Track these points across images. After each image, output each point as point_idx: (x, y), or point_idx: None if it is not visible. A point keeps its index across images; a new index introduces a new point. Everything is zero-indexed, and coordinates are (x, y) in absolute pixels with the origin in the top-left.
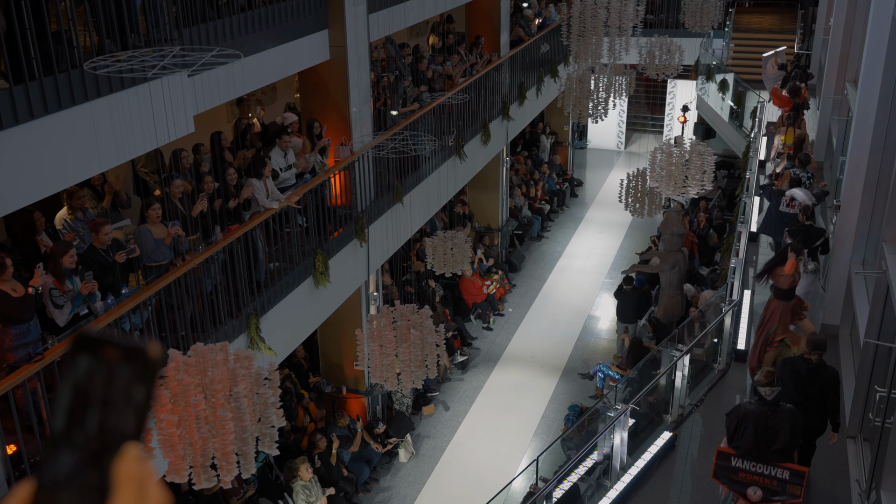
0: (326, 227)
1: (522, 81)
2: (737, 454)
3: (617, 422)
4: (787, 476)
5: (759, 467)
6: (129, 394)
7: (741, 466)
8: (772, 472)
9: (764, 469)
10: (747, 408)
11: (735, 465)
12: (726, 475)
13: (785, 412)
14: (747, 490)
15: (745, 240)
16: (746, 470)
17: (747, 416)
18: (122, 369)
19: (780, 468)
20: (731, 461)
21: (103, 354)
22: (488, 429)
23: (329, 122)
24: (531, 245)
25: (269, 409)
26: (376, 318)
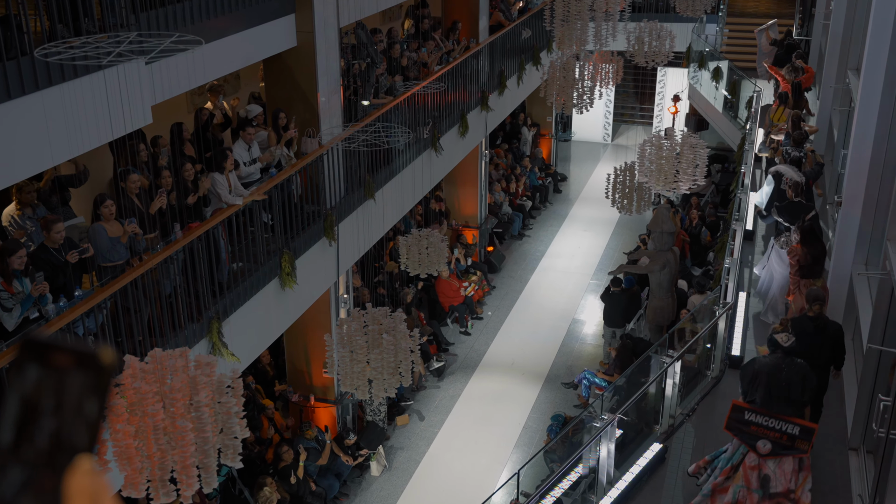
0: (293, 225)
1: (502, 69)
2: (750, 408)
3: (603, 433)
4: (797, 432)
5: (770, 422)
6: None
7: (754, 420)
8: (783, 427)
9: (775, 424)
10: (761, 361)
11: (748, 418)
12: (738, 427)
13: (798, 366)
14: (757, 443)
15: (741, 238)
16: (758, 424)
17: (761, 369)
18: (74, 377)
19: (791, 423)
20: (744, 414)
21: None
22: (466, 440)
23: (296, 112)
24: (512, 244)
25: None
26: (346, 322)
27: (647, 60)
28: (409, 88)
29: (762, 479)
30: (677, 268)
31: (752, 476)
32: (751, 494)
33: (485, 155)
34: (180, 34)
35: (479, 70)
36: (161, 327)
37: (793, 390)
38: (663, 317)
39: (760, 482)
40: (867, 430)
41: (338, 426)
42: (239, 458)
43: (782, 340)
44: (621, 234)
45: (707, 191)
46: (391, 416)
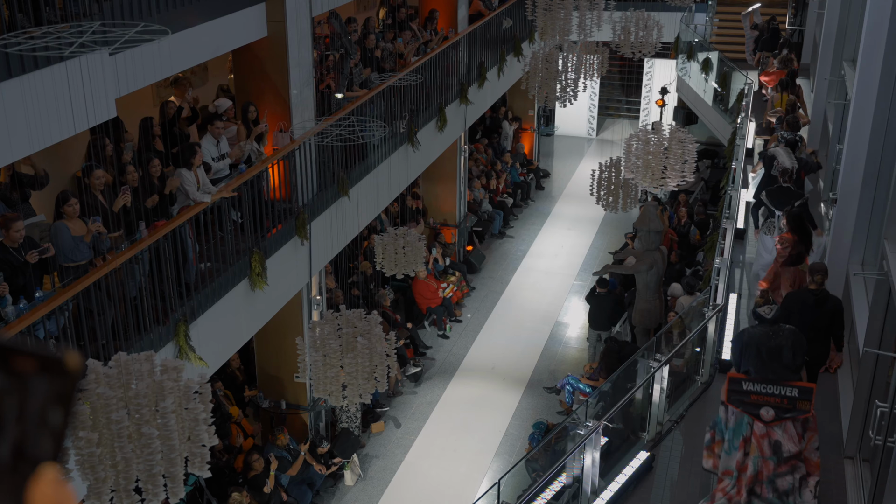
0: (264, 224)
1: (482, 61)
2: (747, 378)
3: (588, 440)
4: (795, 394)
5: (769, 388)
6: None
7: (752, 389)
8: (781, 391)
9: (774, 389)
10: (750, 332)
11: (746, 388)
12: (739, 399)
13: (786, 332)
14: (760, 411)
15: (731, 237)
16: (758, 392)
17: (751, 339)
18: (37, 383)
19: (788, 387)
20: (742, 385)
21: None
22: (444, 448)
23: (267, 106)
24: (492, 243)
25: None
26: (319, 324)
27: (634, 51)
28: (384, 80)
29: (774, 446)
30: (665, 268)
31: (764, 444)
32: (766, 462)
33: (464, 150)
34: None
35: (458, 61)
36: (125, 330)
37: (784, 355)
38: (650, 319)
39: (773, 449)
40: (863, 437)
41: (310, 433)
42: (207, 467)
43: (765, 313)
44: (606, 233)
45: (696, 188)
46: (366, 423)
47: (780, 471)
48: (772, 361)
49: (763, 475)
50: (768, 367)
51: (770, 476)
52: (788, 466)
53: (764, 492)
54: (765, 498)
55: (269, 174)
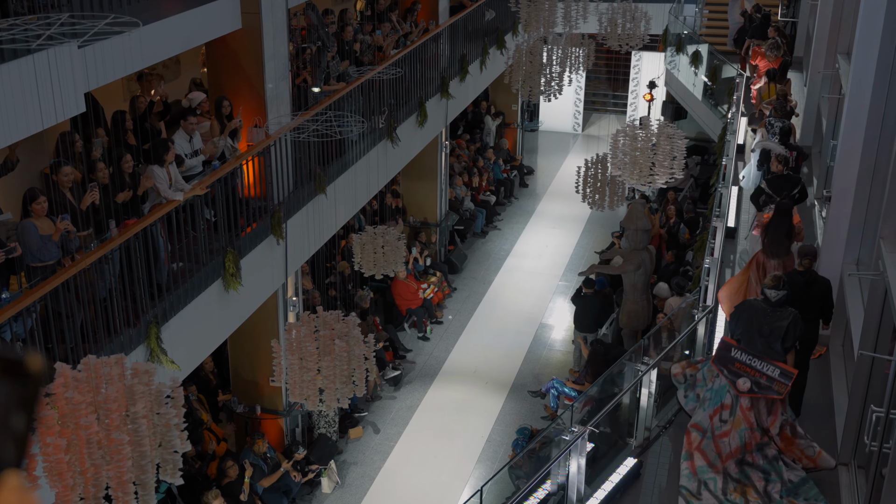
0: (238, 222)
1: (464, 53)
2: (737, 346)
3: (573, 447)
4: (776, 374)
5: (754, 361)
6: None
7: (738, 358)
8: (764, 367)
9: (758, 364)
10: (752, 305)
11: (734, 355)
12: (725, 363)
13: (787, 313)
14: (738, 380)
15: (722, 236)
16: (742, 361)
17: (750, 312)
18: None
19: (772, 365)
20: (730, 351)
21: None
22: (425, 454)
23: (241, 100)
24: (474, 242)
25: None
26: (295, 326)
27: (621, 44)
28: (362, 74)
29: (757, 417)
30: (653, 268)
31: (751, 416)
32: (754, 433)
33: (445, 146)
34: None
35: (439, 54)
36: (95, 332)
37: (775, 335)
38: (638, 321)
39: (757, 420)
40: (858, 443)
41: (286, 439)
42: (179, 474)
43: (771, 296)
44: (593, 232)
45: (685, 185)
46: (344, 428)
47: (765, 440)
48: (762, 339)
49: (752, 445)
50: (757, 343)
51: (758, 444)
52: (767, 438)
53: (755, 460)
54: (757, 465)
55: (244, 171)
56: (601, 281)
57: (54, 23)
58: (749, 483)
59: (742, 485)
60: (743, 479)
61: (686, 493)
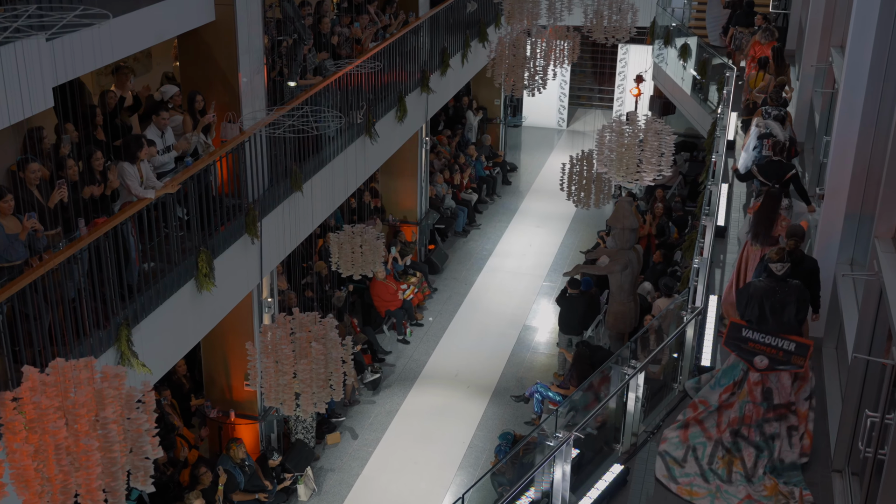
0: (211, 221)
1: (445, 47)
2: (747, 325)
3: (557, 453)
4: (792, 348)
5: (767, 338)
6: None
7: (751, 337)
8: (779, 343)
9: (772, 340)
10: (756, 285)
11: (745, 335)
12: (736, 344)
13: (793, 287)
14: (754, 359)
15: (711, 235)
16: (755, 340)
17: (756, 292)
18: None
19: (787, 340)
20: (741, 331)
21: None
22: (404, 461)
23: (214, 95)
24: (455, 241)
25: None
26: (271, 328)
27: (607, 36)
28: (340, 68)
29: (765, 393)
30: (640, 268)
31: (757, 391)
32: (756, 408)
33: (425, 142)
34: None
35: (419, 47)
36: (64, 335)
37: (787, 311)
38: (625, 323)
39: (764, 395)
40: (852, 449)
41: (261, 445)
42: (150, 481)
43: (776, 270)
44: (578, 231)
45: (674, 182)
46: (320, 434)
47: (769, 416)
48: (774, 316)
49: (751, 419)
50: (769, 321)
51: (759, 420)
52: (776, 414)
53: (751, 435)
54: (751, 441)
55: (217, 168)
56: (587, 281)
57: (21, 15)
58: (738, 455)
59: (731, 455)
60: (734, 450)
61: (670, 459)
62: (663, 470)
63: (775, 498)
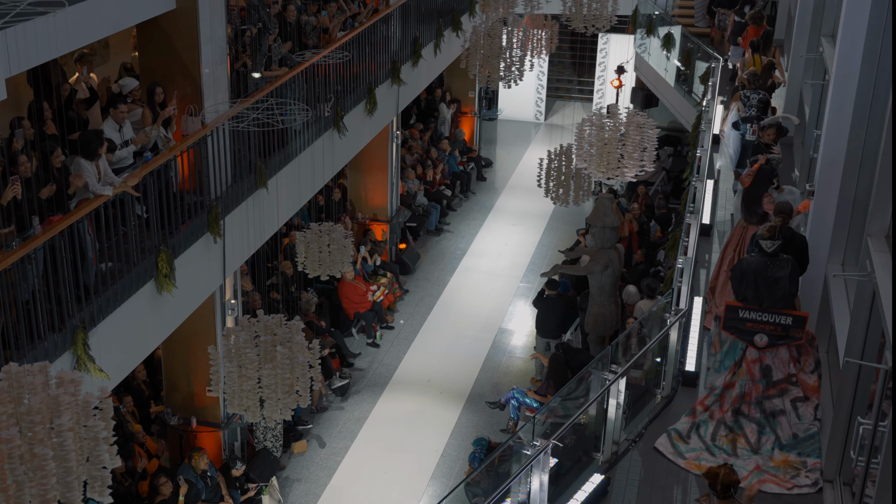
0: (172, 219)
1: (417, 36)
2: (743, 306)
3: (535, 462)
4: (789, 322)
5: (763, 316)
6: None
7: (748, 317)
8: (776, 319)
9: (769, 317)
10: (749, 261)
11: (742, 315)
12: (735, 326)
13: (784, 261)
14: (754, 338)
15: (696, 234)
16: (753, 319)
17: (749, 268)
18: None
19: (783, 315)
20: (738, 313)
21: None
22: (374, 470)
23: (175, 87)
24: (428, 240)
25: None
26: (234, 332)
27: (587, 25)
28: (307, 58)
29: (764, 370)
30: (621, 268)
31: (755, 368)
32: (756, 385)
33: (396, 136)
34: None
35: (390, 37)
36: (17, 338)
37: (781, 286)
38: (605, 326)
39: (763, 372)
40: (844, 458)
41: (224, 454)
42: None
43: (767, 247)
44: (556, 230)
45: (656, 178)
46: (286, 442)
47: (769, 393)
48: (769, 290)
49: (751, 396)
50: (765, 296)
51: (758, 398)
52: (777, 390)
53: (752, 412)
54: (752, 417)
55: (178, 163)
56: (565, 283)
57: None
58: (741, 433)
59: (733, 433)
60: (736, 428)
61: (675, 434)
62: (669, 447)
63: (783, 468)
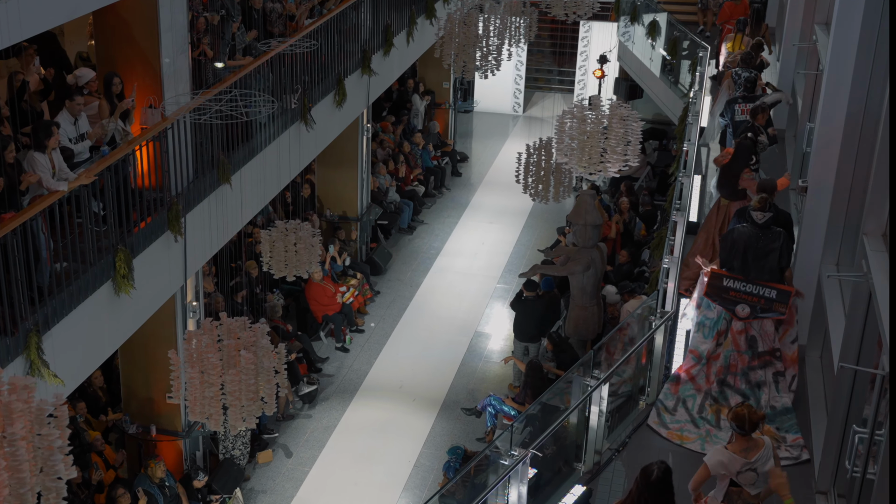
0: (130, 217)
1: (389, 23)
2: (728, 274)
3: (513, 472)
4: (773, 295)
5: (748, 287)
6: None
7: (731, 286)
8: (760, 291)
9: (753, 289)
10: (740, 230)
11: (726, 284)
12: (718, 294)
13: (775, 234)
14: (736, 308)
15: (683, 232)
16: (736, 289)
17: (739, 238)
18: None
19: (767, 288)
20: (722, 281)
21: None
22: (343, 481)
23: (134, 77)
24: (400, 239)
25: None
26: (196, 335)
27: (567, 13)
28: (273, 47)
29: (749, 341)
30: (604, 268)
31: (741, 339)
32: (741, 356)
33: (367, 130)
34: None
35: (360, 25)
36: None
37: (771, 259)
38: (587, 329)
39: (748, 343)
40: (838, 468)
41: (185, 464)
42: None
43: (757, 218)
44: (535, 228)
45: (641, 174)
46: (251, 451)
47: (754, 364)
48: (757, 262)
49: (736, 367)
50: (753, 267)
51: (743, 369)
52: (761, 361)
53: (737, 383)
54: (737, 388)
55: (137, 158)
56: (547, 281)
57: None
58: (725, 404)
59: (718, 404)
60: (721, 399)
61: (661, 406)
62: (654, 416)
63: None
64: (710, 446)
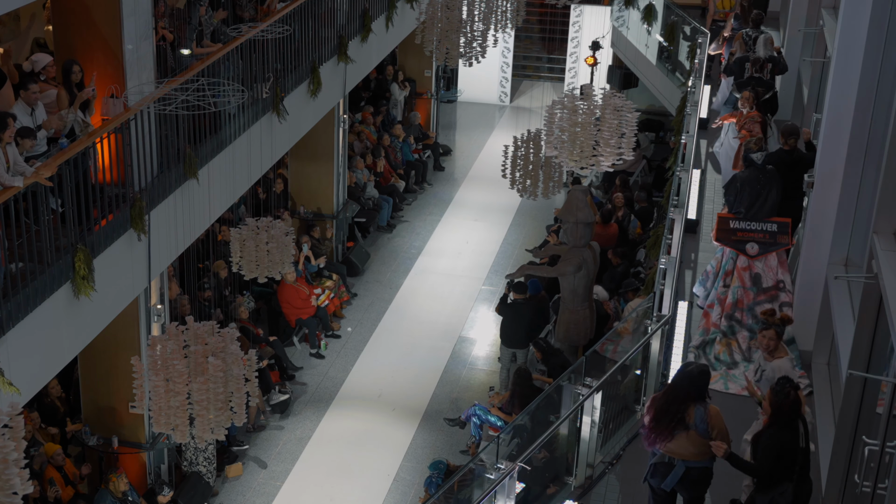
0: (90, 214)
1: (367, 8)
2: (732, 217)
3: (499, 487)
4: (775, 228)
5: (751, 225)
6: None
7: (738, 227)
8: (762, 227)
9: (756, 226)
10: (741, 175)
11: (733, 226)
12: (727, 237)
13: (771, 173)
14: (746, 247)
15: (680, 231)
16: (742, 229)
17: (744, 182)
18: None
19: (768, 222)
20: (729, 224)
21: None
22: (318, 497)
23: (94, 65)
24: (379, 238)
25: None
26: (160, 341)
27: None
28: (243, 33)
29: (754, 278)
30: (596, 269)
31: (745, 276)
32: (747, 292)
33: (343, 121)
34: None
35: (336, 9)
36: None
37: (770, 196)
38: (578, 333)
39: (753, 280)
40: (847, 482)
41: (149, 478)
42: None
43: (757, 159)
44: (523, 226)
45: (636, 168)
46: (220, 465)
47: (760, 299)
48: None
49: (743, 303)
50: (756, 206)
51: (750, 304)
52: (768, 296)
53: (744, 318)
54: (745, 324)
55: (98, 151)
56: (535, 282)
57: None
58: (733, 338)
59: (727, 338)
60: (729, 333)
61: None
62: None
63: None
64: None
